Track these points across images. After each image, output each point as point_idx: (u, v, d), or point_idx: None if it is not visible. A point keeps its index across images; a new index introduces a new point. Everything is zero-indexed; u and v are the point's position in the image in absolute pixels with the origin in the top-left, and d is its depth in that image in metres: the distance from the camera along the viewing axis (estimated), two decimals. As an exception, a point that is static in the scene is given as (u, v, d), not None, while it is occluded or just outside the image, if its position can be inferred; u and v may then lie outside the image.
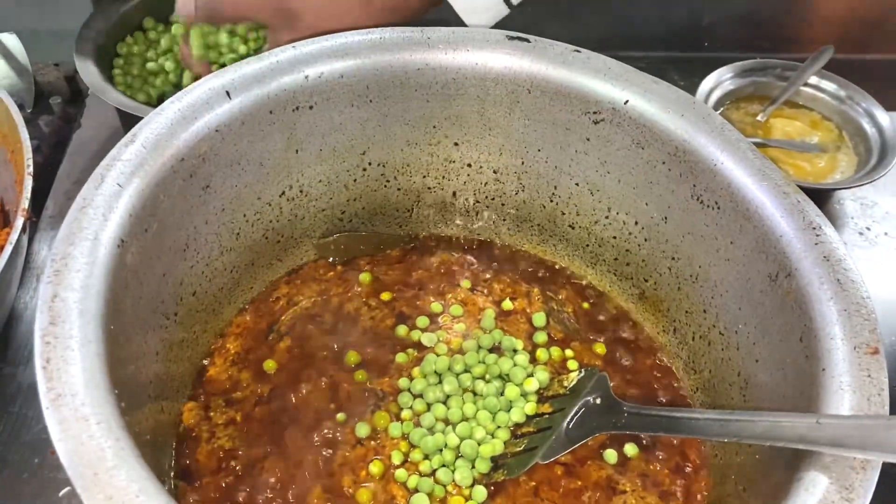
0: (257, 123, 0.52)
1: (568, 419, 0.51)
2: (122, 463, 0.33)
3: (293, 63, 0.52)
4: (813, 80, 0.85)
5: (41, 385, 0.35)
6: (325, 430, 0.53)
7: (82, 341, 0.37)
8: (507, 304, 0.61)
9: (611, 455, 0.53)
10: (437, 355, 0.57)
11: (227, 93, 0.50)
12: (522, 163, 0.61)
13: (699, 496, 0.52)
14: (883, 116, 0.81)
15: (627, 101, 0.53)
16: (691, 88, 0.83)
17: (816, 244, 0.45)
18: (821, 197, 0.81)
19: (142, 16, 0.86)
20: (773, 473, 0.42)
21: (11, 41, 0.91)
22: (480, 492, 0.51)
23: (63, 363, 0.36)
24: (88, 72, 0.74)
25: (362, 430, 0.53)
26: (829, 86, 0.85)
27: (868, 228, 0.80)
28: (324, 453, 0.51)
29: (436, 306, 0.60)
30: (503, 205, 0.64)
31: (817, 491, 0.35)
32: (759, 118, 0.85)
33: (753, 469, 0.47)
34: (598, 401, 0.51)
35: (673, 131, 0.52)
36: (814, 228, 0.46)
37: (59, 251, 0.40)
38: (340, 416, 0.53)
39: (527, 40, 0.55)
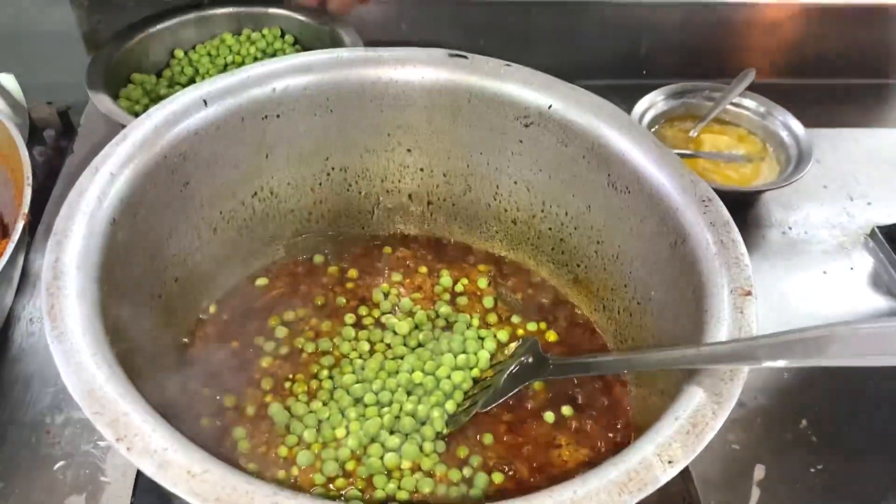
0: (231, 129, 0.60)
1: (505, 376, 0.58)
2: (113, 384, 0.40)
3: (262, 77, 0.61)
4: (737, 99, 0.95)
5: (47, 325, 0.42)
6: (287, 399, 0.60)
7: (80, 293, 0.44)
8: (460, 288, 0.69)
9: (549, 416, 0.60)
10: (395, 333, 0.65)
11: (205, 101, 0.58)
12: (467, 166, 0.69)
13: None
14: (798, 127, 0.91)
15: (551, 106, 0.62)
16: (630, 111, 0.92)
17: (705, 213, 0.53)
18: (747, 201, 0.90)
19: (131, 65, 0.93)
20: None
21: (9, 81, 0.99)
22: (439, 445, 0.58)
23: (64, 309, 0.43)
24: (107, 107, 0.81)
25: (324, 395, 0.60)
26: (751, 104, 0.95)
27: (790, 228, 0.88)
28: (288, 417, 0.58)
29: (395, 291, 0.68)
30: (453, 205, 0.72)
31: (694, 399, 0.43)
32: (690, 134, 0.94)
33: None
34: (531, 359, 0.58)
35: (589, 129, 0.61)
36: (703, 201, 0.54)
37: (61, 226, 0.47)
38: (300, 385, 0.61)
39: (465, 57, 0.64)
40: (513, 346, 0.63)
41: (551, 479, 0.56)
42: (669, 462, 0.39)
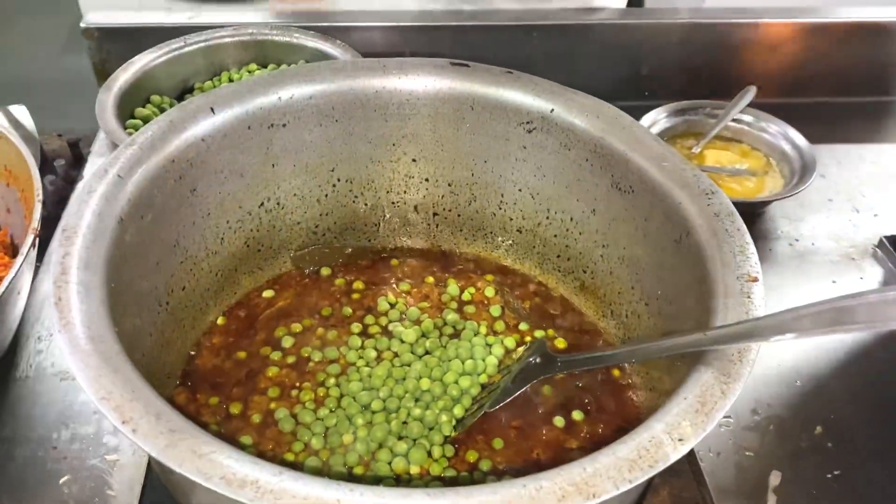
0: (237, 137, 0.61)
1: (513, 376, 0.58)
2: (120, 371, 0.40)
3: (268, 86, 0.62)
4: (738, 115, 0.96)
5: (55, 316, 0.42)
6: (294, 406, 0.59)
7: (88, 287, 0.44)
8: (467, 297, 0.68)
9: (559, 420, 0.60)
10: (402, 341, 0.64)
11: (212, 108, 0.59)
12: (472, 174, 0.70)
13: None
14: (800, 139, 0.91)
15: (553, 110, 0.63)
16: (633, 129, 0.93)
17: (709, 205, 0.53)
18: (753, 213, 0.90)
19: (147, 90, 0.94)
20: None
21: (21, 112, 1.01)
22: (448, 449, 0.57)
23: (71, 301, 0.43)
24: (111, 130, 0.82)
25: (331, 403, 0.60)
26: (752, 119, 0.95)
27: (797, 240, 0.88)
28: (294, 424, 0.58)
29: (402, 300, 0.68)
30: (459, 216, 0.72)
31: (702, 380, 0.42)
32: (693, 150, 0.94)
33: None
34: (538, 359, 0.57)
35: (591, 131, 0.61)
36: (706, 194, 0.54)
37: (69, 223, 0.48)
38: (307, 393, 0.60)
39: (467, 65, 0.65)
40: (520, 350, 0.63)
41: (562, 481, 0.55)
42: (680, 440, 0.39)
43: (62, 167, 0.99)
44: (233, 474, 0.36)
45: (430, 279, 0.70)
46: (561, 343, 0.66)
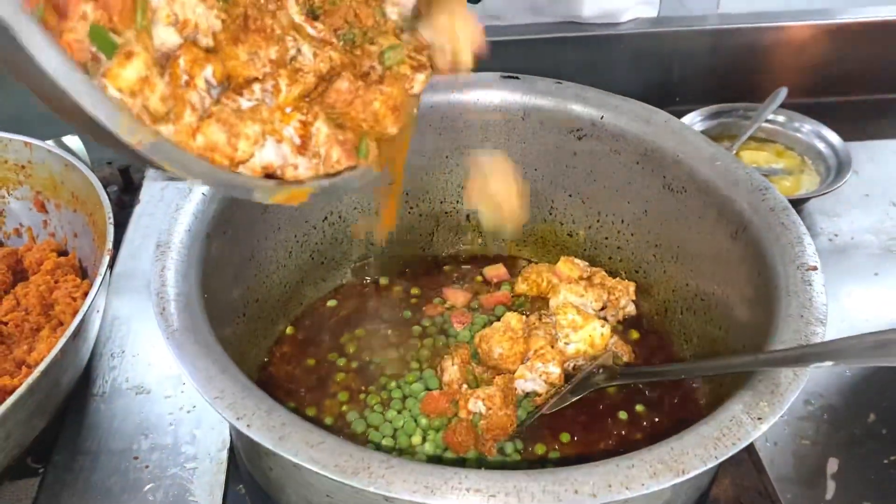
0: (304, 154, 0.64)
1: (575, 382, 0.60)
2: (228, 373, 0.43)
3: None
4: (771, 116, 0.98)
5: (161, 326, 0.45)
6: (364, 410, 0.62)
7: (187, 298, 0.48)
8: (521, 289, 0.71)
9: (623, 414, 0.62)
10: (458, 339, 0.67)
11: (281, 128, 0.62)
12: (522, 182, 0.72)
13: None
14: (834, 137, 0.93)
15: (603, 117, 0.65)
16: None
17: (764, 200, 0.55)
18: (791, 211, 0.92)
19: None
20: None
21: (73, 142, 1.05)
22: (518, 443, 0.59)
23: (174, 311, 0.46)
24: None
25: (396, 405, 0.63)
26: (786, 120, 0.98)
27: (836, 235, 0.90)
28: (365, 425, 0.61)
29: (457, 301, 0.71)
30: (510, 223, 0.75)
31: (746, 398, 0.44)
32: (729, 152, 0.97)
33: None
34: (601, 371, 0.60)
35: (642, 136, 0.64)
36: (760, 190, 0.56)
37: (163, 239, 0.51)
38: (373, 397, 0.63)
39: (517, 78, 0.68)
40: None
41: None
42: (759, 419, 0.41)
43: (114, 193, 1.03)
44: (345, 462, 0.38)
45: (479, 278, 0.73)
46: (619, 344, 0.68)
